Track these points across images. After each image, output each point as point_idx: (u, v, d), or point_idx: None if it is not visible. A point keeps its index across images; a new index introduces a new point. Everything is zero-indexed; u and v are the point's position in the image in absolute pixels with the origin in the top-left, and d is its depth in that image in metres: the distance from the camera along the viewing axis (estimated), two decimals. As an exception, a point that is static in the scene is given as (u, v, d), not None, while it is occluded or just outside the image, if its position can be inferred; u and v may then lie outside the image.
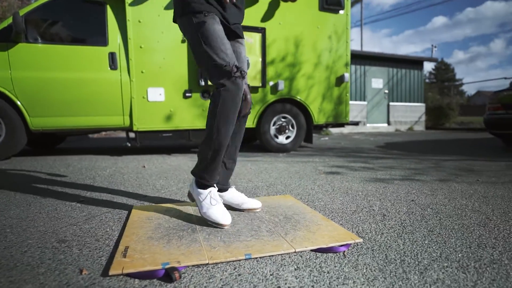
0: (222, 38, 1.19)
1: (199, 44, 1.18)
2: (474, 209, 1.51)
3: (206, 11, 1.20)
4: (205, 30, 1.17)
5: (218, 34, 1.19)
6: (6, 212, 1.42)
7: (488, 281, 0.83)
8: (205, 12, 1.19)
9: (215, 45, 1.17)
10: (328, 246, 1.02)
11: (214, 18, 1.21)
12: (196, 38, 1.19)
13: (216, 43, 1.17)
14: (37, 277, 0.83)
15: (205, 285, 0.80)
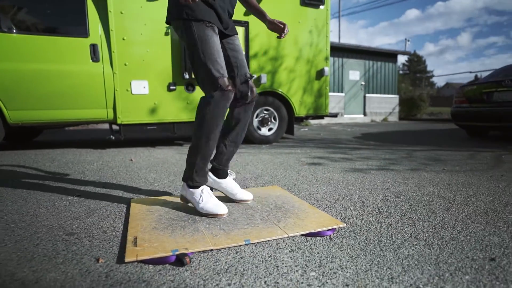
0: (218, 50, 1.27)
1: (197, 54, 1.26)
2: (440, 195, 1.71)
3: (208, 21, 1.27)
4: (204, 41, 1.25)
5: (216, 46, 1.27)
6: (4, 208, 1.45)
7: (447, 254, 1.00)
8: (206, 22, 1.26)
9: (212, 57, 1.25)
10: (316, 231, 1.16)
11: (214, 28, 1.29)
12: (195, 47, 1.26)
13: (213, 55, 1.25)
14: (57, 266, 0.91)
15: (212, 267, 0.91)
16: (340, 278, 0.86)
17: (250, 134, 4.08)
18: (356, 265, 0.93)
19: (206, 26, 1.27)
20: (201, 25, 1.27)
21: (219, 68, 1.26)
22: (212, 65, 1.25)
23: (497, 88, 4.23)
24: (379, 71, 10.59)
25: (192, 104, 3.72)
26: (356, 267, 0.92)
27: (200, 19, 1.27)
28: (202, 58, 1.26)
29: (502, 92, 4.17)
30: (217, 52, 1.27)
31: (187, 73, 3.60)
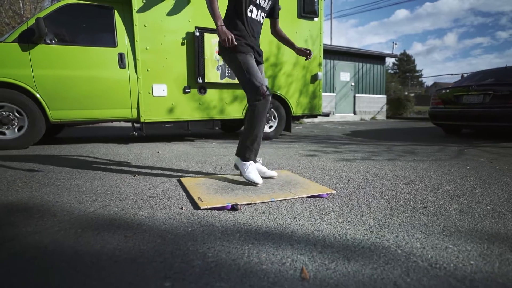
0: (256, 69, 1.85)
1: (243, 73, 1.83)
2: (405, 176, 2.32)
3: (247, 52, 1.84)
4: (248, 63, 1.82)
5: (254, 66, 1.84)
6: (91, 183, 1.99)
7: (399, 205, 1.60)
8: (246, 52, 1.84)
9: (253, 73, 1.82)
10: (316, 194, 1.75)
11: (251, 55, 1.86)
12: (241, 68, 1.84)
13: (254, 72, 1.83)
14: (159, 211, 1.47)
15: (254, 211, 1.49)
16: (332, 215, 1.44)
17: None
18: (341, 210, 1.52)
19: (246, 55, 1.85)
20: (243, 54, 1.84)
21: (259, 80, 1.84)
22: (254, 79, 1.83)
23: (466, 92, 4.90)
24: (368, 73, 11.27)
25: (204, 105, 4.26)
26: (342, 211, 1.51)
27: (243, 51, 1.84)
28: (247, 75, 1.83)
29: (470, 96, 4.84)
30: (256, 70, 1.85)
31: (200, 78, 4.14)
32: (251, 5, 1.90)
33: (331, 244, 1.14)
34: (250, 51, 1.88)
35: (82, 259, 1.01)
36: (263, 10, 2.01)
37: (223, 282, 0.88)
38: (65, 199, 1.64)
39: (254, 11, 1.93)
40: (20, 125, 3.45)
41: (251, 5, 1.90)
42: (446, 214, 1.48)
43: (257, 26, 1.98)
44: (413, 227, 1.32)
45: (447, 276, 0.94)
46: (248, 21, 1.90)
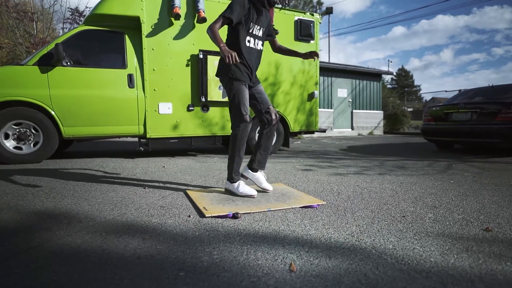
0: (246, 99, 2.11)
1: (234, 98, 2.09)
2: (391, 189, 2.54)
3: (242, 80, 2.10)
4: (239, 92, 2.08)
5: (245, 96, 2.10)
6: (106, 194, 2.21)
7: (380, 214, 1.82)
8: (242, 81, 2.10)
9: (242, 101, 2.08)
10: (308, 205, 1.96)
11: (245, 85, 2.12)
12: (233, 95, 2.10)
13: (243, 99, 2.08)
14: (169, 218, 1.69)
15: (252, 219, 1.70)
16: (320, 222, 1.66)
17: (253, 146, 4.89)
18: (329, 218, 1.74)
19: (242, 84, 2.10)
20: (238, 82, 2.10)
21: (245, 109, 2.09)
22: (241, 107, 2.08)
23: (455, 109, 5.17)
24: (364, 89, 11.63)
25: (206, 122, 4.53)
26: (329, 219, 1.72)
27: (238, 79, 2.10)
28: (237, 102, 2.09)
29: (458, 113, 5.11)
30: (246, 100, 2.10)
31: (203, 97, 4.41)
32: (248, 36, 2.17)
33: (317, 246, 1.36)
34: (246, 80, 2.14)
35: (110, 255, 1.22)
36: (260, 38, 2.27)
37: (226, 273, 1.10)
38: (86, 208, 1.86)
39: (252, 41, 2.20)
40: (35, 140, 3.70)
41: (248, 36, 2.17)
42: (421, 222, 1.70)
43: (255, 54, 2.24)
44: (389, 233, 1.53)
45: (409, 270, 1.15)
46: (246, 51, 2.17)
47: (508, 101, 4.59)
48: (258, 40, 2.25)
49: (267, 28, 2.32)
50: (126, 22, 4.03)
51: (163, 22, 4.14)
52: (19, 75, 3.57)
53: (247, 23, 2.14)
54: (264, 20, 2.26)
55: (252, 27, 2.17)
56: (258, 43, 2.25)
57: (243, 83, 2.12)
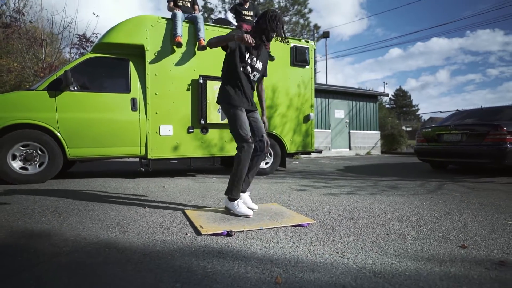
0: (245, 121, 2.28)
1: (234, 122, 2.26)
2: (380, 208, 2.66)
3: (240, 106, 2.29)
4: (237, 116, 2.26)
5: (243, 119, 2.27)
6: (108, 214, 2.33)
7: (365, 233, 1.94)
8: (239, 107, 2.28)
9: (241, 124, 2.25)
10: (299, 223, 2.09)
11: (242, 110, 2.30)
12: (233, 119, 2.27)
13: (242, 123, 2.25)
14: (168, 236, 1.81)
15: (245, 237, 1.82)
16: (308, 240, 1.78)
17: (250, 166, 5.03)
18: (317, 236, 1.86)
19: (239, 109, 2.29)
20: (236, 108, 2.28)
21: (245, 131, 2.26)
22: (241, 130, 2.25)
23: (446, 131, 5.35)
24: (361, 110, 11.91)
25: (206, 143, 4.70)
26: (317, 237, 1.85)
27: (236, 106, 2.28)
28: (238, 125, 2.26)
29: (449, 134, 5.29)
30: (244, 123, 2.27)
31: (203, 119, 4.61)
32: (244, 63, 2.35)
33: (303, 261, 1.48)
34: (243, 105, 2.32)
35: (113, 269, 1.35)
36: (257, 70, 2.44)
37: (218, 284, 1.22)
38: (90, 226, 1.99)
39: (248, 69, 2.38)
40: (41, 161, 3.85)
41: (244, 63, 2.35)
42: (403, 240, 1.82)
43: (251, 82, 2.43)
44: (372, 249, 1.65)
45: (384, 282, 1.27)
46: (242, 78, 2.35)
47: (496, 123, 4.77)
48: (255, 71, 2.42)
49: (265, 64, 2.50)
50: (131, 50, 4.30)
51: (166, 50, 4.41)
52: (29, 99, 3.78)
53: (244, 52, 2.33)
54: (263, 55, 2.44)
55: (249, 57, 2.35)
56: (254, 73, 2.42)
57: (241, 108, 2.30)
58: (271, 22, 2.26)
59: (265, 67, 2.54)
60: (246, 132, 2.27)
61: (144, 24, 4.28)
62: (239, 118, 2.27)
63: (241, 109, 2.31)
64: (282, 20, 2.32)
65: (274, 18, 2.26)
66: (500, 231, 2.01)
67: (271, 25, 2.26)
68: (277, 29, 2.28)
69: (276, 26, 2.27)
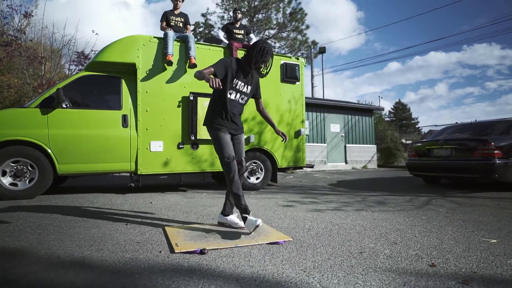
0: (228, 143, 2.35)
1: (218, 144, 2.34)
2: (362, 225, 2.67)
3: (222, 129, 2.36)
4: (221, 138, 2.33)
5: (227, 141, 2.34)
6: (89, 231, 2.36)
7: (340, 253, 1.95)
8: (222, 129, 2.35)
9: (224, 147, 2.32)
10: (274, 241, 2.11)
11: (225, 132, 2.37)
12: (217, 141, 2.34)
13: (225, 146, 2.32)
14: (141, 254, 1.83)
15: (218, 254, 1.84)
16: (279, 258, 1.80)
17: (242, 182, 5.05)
18: (290, 254, 1.88)
19: (223, 132, 2.36)
20: (218, 131, 2.36)
21: (228, 151, 2.32)
22: (224, 152, 2.32)
23: (436, 145, 5.39)
24: (357, 124, 12.00)
25: (196, 159, 4.74)
26: (289, 255, 1.86)
27: (218, 128, 2.36)
28: (222, 147, 2.32)
29: (439, 149, 5.33)
30: (226, 143, 2.35)
31: (193, 135, 4.67)
32: (231, 90, 2.44)
33: (268, 280, 1.50)
34: (224, 128, 2.40)
35: None
36: (245, 94, 2.53)
37: (177, 304, 1.24)
38: (67, 244, 2.01)
39: (234, 94, 2.46)
40: (31, 177, 3.89)
41: (231, 90, 2.44)
42: (374, 258, 1.83)
43: (237, 106, 2.50)
44: (340, 268, 1.67)
45: (342, 302, 1.29)
46: (228, 102, 2.43)
47: (484, 138, 4.82)
48: (242, 95, 2.51)
49: (254, 87, 2.60)
50: (123, 68, 4.41)
51: (157, 68, 4.52)
52: (21, 116, 3.86)
53: (232, 79, 2.43)
54: (252, 80, 2.54)
55: (236, 82, 2.44)
56: (241, 97, 2.51)
57: (224, 131, 2.38)
58: (258, 54, 2.39)
59: (255, 89, 2.63)
60: (230, 153, 2.35)
61: (136, 43, 4.41)
62: (222, 140, 2.36)
63: (225, 131, 2.39)
64: (270, 52, 2.43)
65: (262, 50, 2.39)
66: (474, 249, 2.02)
67: (258, 57, 2.39)
68: (264, 61, 2.42)
69: (262, 59, 2.40)
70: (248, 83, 2.52)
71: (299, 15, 19.64)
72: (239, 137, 2.56)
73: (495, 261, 1.79)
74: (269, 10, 19.91)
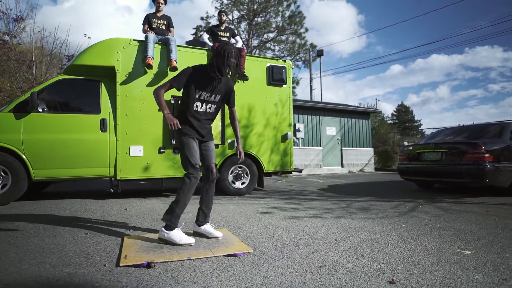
0: (195, 149, 2.25)
1: (183, 149, 2.23)
2: (334, 234, 2.54)
3: (189, 135, 2.26)
4: (187, 144, 2.23)
5: (193, 147, 2.24)
6: (42, 241, 2.25)
7: (298, 267, 1.83)
8: (188, 135, 2.25)
9: (190, 153, 2.22)
10: (232, 253, 1.99)
11: (192, 138, 2.27)
12: (182, 146, 2.24)
13: (191, 152, 2.22)
14: (84, 267, 1.72)
15: (166, 268, 1.73)
16: (229, 273, 1.68)
17: (226, 187, 4.94)
18: (243, 268, 1.76)
19: (189, 137, 2.26)
20: (186, 137, 2.25)
21: (194, 159, 2.23)
22: (190, 157, 2.22)
23: (426, 149, 5.24)
24: (353, 127, 11.85)
25: (178, 163, 4.63)
26: (242, 269, 1.74)
27: (185, 134, 2.26)
28: (187, 152, 2.22)
29: (429, 153, 5.18)
30: (194, 151, 2.25)
31: (174, 140, 4.57)
32: (197, 101, 2.34)
33: (205, 299, 1.38)
34: (192, 134, 2.31)
35: (-8, 309, 1.26)
36: (213, 103, 2.42)
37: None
38: (11, 256, 1.91)
39: (200, 106, 2.36)
40: (4, 183, 3.81)
41: (197, 102, 2.34)
42: (332, 274, 1.71)
43: (204, 115, 2.39)
44: (290, 285, 1.55)
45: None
46: (192, 115, 2.34)
47: (474, 142, 4.67)
48: (210, 104, 2.40)
49: (226, 95, 2.48)
50: (102, 71, 4.34)
51: (137, 71, 4.44)
52: (-6, 121, 3.79)
53: (196, 89, 2.32)
54: (220, 87, 2.41)
55: (200, 93, 2.34)
56: (209, 107, 2.40)
57: (191, 137, 2.28)
58: (220, 59, 2.28)
59: (227, 97, 2.51)
60: (195, 160, 2.26)
61: (116, 46, 4.33)
62: (187, 145, 2.27)
63: (192, 138, 2.30)
64: (232, 54, 2.29)
65: (223, 54, 2.27)
66: (444, 262, 1.89)
67: (220, 62, 2.28)
68: (228, 65, 2.30)
69: (225, 63, 2.28)
70: (216, 92, 2.40)
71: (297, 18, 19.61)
72: (208, 144, 2.47)
73: (461, 277, 1.66)
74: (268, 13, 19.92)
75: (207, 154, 2.44)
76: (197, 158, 2.29)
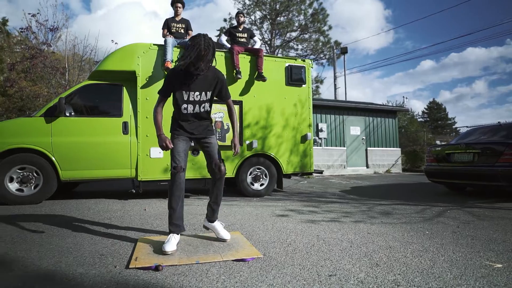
0: (179, 151, 2.25)
1: (172, 150, 2.25)
2: (350, 241, 2.44)
3: (178, 136, 2.28)
4: (176, 144, 2.24)
5: (178, 148, 2.25)
6: (63, 240, 2.36)
7: (307, 275, 1.77)
8: (177, 137, 2.27)
9: (173, 154, 2.24)
10: (241, 258, 1.96)
11: (181, 139, 2.28)
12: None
13: (174, 153, 2.24)
14: (96, 268, 1.78)
15: (173, 272, 1.74)
16: (235, 279, 1.66)
17: (244, 189, 4.94)
18: (250, 274, 1.72)
19: (178, 139, 2.28)
20: (176, 139, 2.28)
21: (176, 160, 2.23)
22: (172, 158, 2.25)
23: (457, 150, 4.92)
24: (379, 126, 11.42)
25: (197, 165, 4.70)
26: (249, 275, 1.71)
27: (176, 135, 2.28)
28: (171, 153, 2.25)
29: (460, 154, 4.85)
30: (178, 152, 2.26)
31: (193, 142, 4.62)
32: (184, 104, 2.32)
33: (207, 306, 1.36)
34: (182, 135, 2.34)
35: (6, 308, 1.33)
36: (203, 101, 2.36)
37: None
38: (33, 255, 2.01)
39: (189, 107, 2.32)
40: (36, 183, 4.06)
41: (184, 104, 2.32)
42: (342, 284, 1.63)
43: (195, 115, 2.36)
44: (296, 294, 1.49)
45: None
46: (181, 118, 2.35)
47: (511, 142, 4.31)
48: (198, 104, 2.34)
49: (216, 87, 2.39)
50: (124, 75, 4.49)
51: (157, 75, 4.55)
52: (27, 125, 4.05)
53: (181, 92, 2.29)
54: (204, 83, 2.33)
55: (186, 94, 2.29)
56: (202, 106, 2.36)
57: (179, 138, 2.30)
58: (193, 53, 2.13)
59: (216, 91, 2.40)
60: (177, 162, 2.24)
61: (136, 52, 4.47)
62: (176, 146, 2.28)
63: (181, 139, 2.32)
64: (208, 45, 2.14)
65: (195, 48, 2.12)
66: (470, 275, 1.74)
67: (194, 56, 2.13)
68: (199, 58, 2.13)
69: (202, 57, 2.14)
70: (203, 89, 2.32)
71: (321, 15, 19.23)
72: (208, 140, 2.42)
73: (486, 293, 1.52)
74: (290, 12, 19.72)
75: (210, 150, 2.41)
76: (181, 159, 2.25)
